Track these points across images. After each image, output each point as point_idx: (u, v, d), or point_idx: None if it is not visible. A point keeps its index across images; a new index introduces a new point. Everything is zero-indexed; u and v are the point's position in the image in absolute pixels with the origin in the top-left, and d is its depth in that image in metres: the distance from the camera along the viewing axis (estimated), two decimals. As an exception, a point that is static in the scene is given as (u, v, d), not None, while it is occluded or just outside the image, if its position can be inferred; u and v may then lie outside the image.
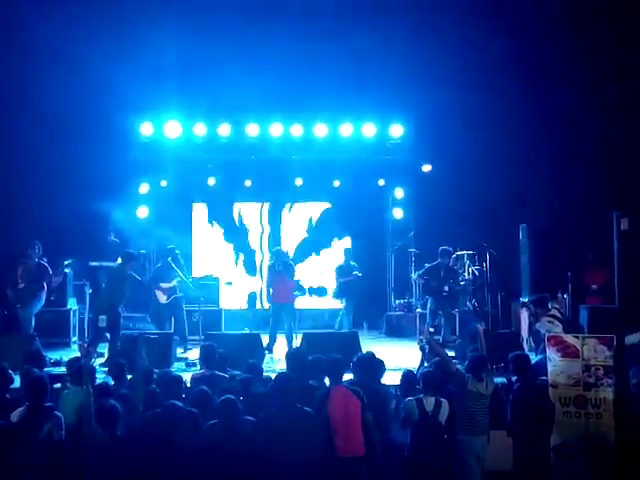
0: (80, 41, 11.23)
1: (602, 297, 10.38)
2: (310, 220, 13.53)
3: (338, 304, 11.74)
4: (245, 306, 12.77)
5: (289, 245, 13.23)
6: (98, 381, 6.77)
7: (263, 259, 13.20)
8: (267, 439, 5.63)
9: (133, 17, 11.54)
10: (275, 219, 13.49)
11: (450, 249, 10.64)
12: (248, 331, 10.72)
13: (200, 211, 13.42)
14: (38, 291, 9.77)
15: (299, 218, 13.53)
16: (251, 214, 13.46)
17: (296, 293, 10.60)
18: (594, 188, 11.67)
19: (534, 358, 7.80)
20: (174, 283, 10.21)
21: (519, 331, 9.81)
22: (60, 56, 11.36)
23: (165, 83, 11.80)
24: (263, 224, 13.44)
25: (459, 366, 6.90)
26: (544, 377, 7.24)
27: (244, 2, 11.68)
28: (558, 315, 8.27)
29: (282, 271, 10.39)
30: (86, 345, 8.52)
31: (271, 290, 10.48)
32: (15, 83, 11.50)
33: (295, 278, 10.69)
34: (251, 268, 13.41)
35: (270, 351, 9.95)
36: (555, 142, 12.10)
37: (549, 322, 8.08)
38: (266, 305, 11.21)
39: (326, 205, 13.49)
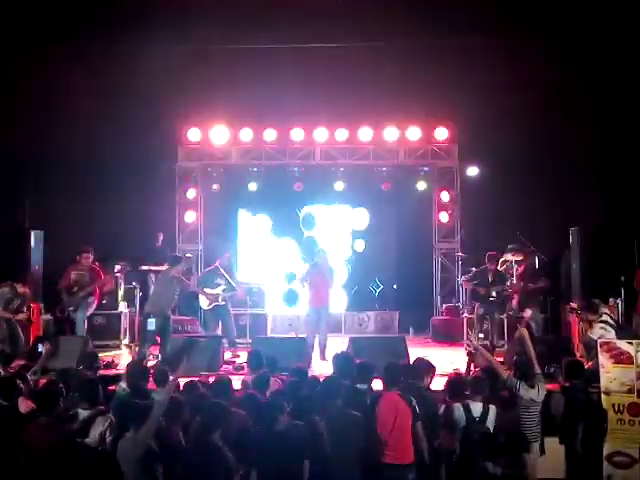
0: (128, 47, 11.44)
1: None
2: (354, 223, 13.50)
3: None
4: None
5: (332, 249, 13.25)
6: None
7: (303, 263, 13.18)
8: (315, 442, 5.65)
9: (180, 22, 11.70)
10: (319, 223, 13.50)
11: (498, 254, 10.51)
12: (295, 335, 10.74)
13: (246, 215, 13.51)
14: (91, 295, 10.00)
15: (343, 223, 13.51)
16: (295, 218, 13.49)
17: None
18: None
19: (586, 364, 7.64)
20: (218, 291, 10.22)
21: (570, 336, 9.62)
22: (108, 62, 11.59)
23: (212, 88, 11.96)
24: (305, 229, 13.45)
25: (508, 372, 6.81)
26: (596, 384, 7.09)
27: (289, 8, 11.74)
28: (610, 321, 8.09)
29: (322, 273, 10.19)
30: (137, 347, 8.79)
31: (310, 293, 10.25)
32: (60, 86, 11.73)
33: (333, 283, 10.52)
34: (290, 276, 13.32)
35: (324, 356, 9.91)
36: (607, 140, 11.83)
37: (601, 328, 7.91)
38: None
39: (371, 208, 13.44)
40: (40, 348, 8.60)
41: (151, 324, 8.98)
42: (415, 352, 9.77)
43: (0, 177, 11.98)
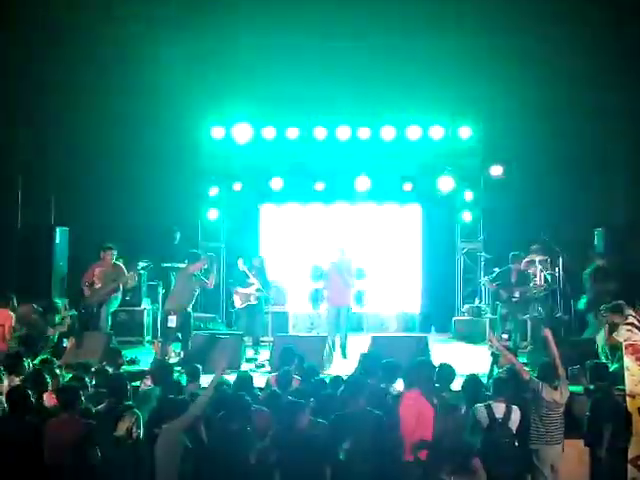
0: (152, 44, 11.51)
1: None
2: (376, 223, 13.45)
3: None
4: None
5: (355, 248, 13.23)
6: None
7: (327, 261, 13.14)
8: (337, 441, 5.64)
9: (203, 20, 11.75)
10: (341, 222, 13.46)
11: (522, 254, 10.43)
12: (316, 333, 10.76)
13: (268, 213, 13.52)
14: (114, 291, 10.08)
15: (365, 220, 13.48)
16: (317, 216, 13.47)
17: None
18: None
19: (611, 367, 7.55)
20: (251, 290, 10.26)
21: (594, 338, 9.51)
22: (132, 59, 11.67)
23: (236, 86, 12.00)
24: (328, 226, 13.42)
25: (532, 373, 6.75)
26: (621, 386, 7.01)
27: (312, 5, 11.74)
28: (637, 323, 7.99)
29: (342, 272, 10.21)
30: (159, 344, 8.86)
31: (330, 292, 10.28)
32: (86, 85, 11.83)
33: (354, 281, 10.50)
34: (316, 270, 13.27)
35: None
36: (632, 139, 11.66)
37: (628, 330, 7.82)
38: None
39: (394, 207, 13.39)
40: (65, 343, 8.69)
41: (172, 321, 9.07)
42: (437, 352, 9.77)
43: (26, 174, 12.14)
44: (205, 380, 6.80)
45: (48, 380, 6.22)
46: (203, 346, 9.11)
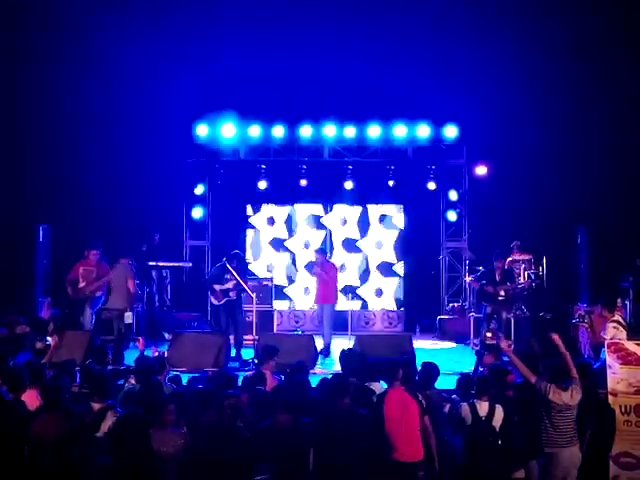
0: (137, 44, 11.45)
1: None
2: (362, 222, 13.45)
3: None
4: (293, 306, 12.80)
5: (339, 247, 13.25)
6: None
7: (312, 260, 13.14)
8: (322, 441, 5.64)
9: (189, 21, 11.72)
10: (327, 221, 13.46)
11: (505, 252, 10.49)
12: (301, 332, 10.76)
13: (254, 212, 13.48)
14: (98, 290, 10.01)
15: (350, 220, 13.47)
16: (303, 216, 13.44)
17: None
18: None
19: (594, 365, 7.61)
20: (228, 286, 10.22)
21: (577, 337, 9.59)
22: (118, 60, 11.60)
23: (221, 85, 11.98)
24: (314, 226, 13.41)
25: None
26: (603, 385, 7.05)
27: (297, 5, 11.75)
28: (622, 321, 8.06)
29: (324, 271, 10.33)
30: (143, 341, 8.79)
31: (315, 290, 10.51)
32: (71, 85, 11.75)
33: (338, 280, 10.60)
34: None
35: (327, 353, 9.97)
36: (615, 139, 11.76)
37: (614, 328, 7.86)
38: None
39: (378, 206, 13.39)
40: (48, 341, 8.60)
41: (128, 317, 9.38)
42: (421, 351, 9.80)
43: (8, 172, 12.02)
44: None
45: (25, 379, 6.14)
46: (188, 345, 9.07)
